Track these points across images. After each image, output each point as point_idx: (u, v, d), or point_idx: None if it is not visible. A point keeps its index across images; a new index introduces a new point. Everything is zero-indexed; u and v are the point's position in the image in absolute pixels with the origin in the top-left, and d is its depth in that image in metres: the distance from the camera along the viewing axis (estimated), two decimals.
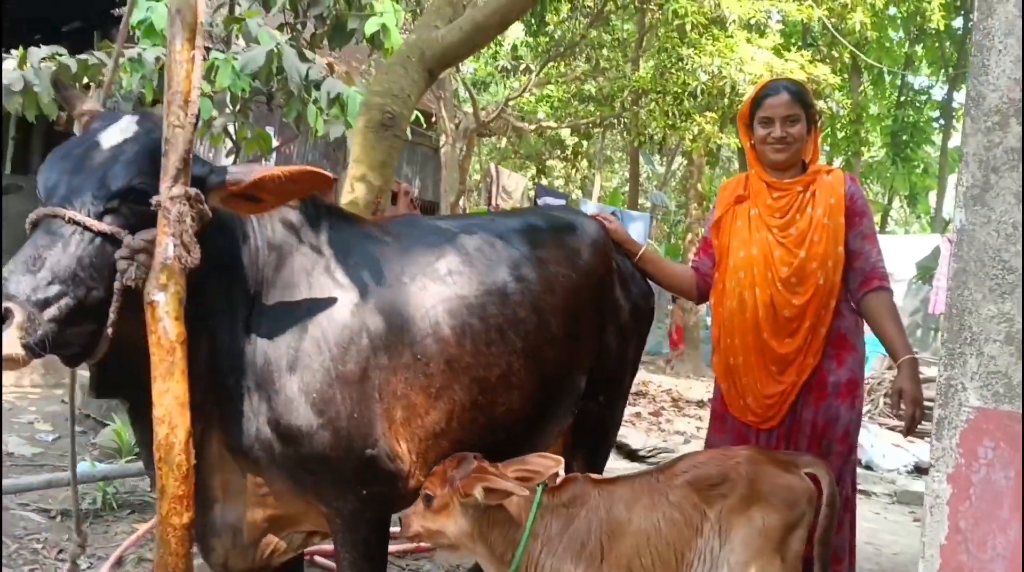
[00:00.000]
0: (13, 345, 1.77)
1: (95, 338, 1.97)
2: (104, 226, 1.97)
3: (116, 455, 5.33)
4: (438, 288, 2.66)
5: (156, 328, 1.81)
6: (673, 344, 17.46)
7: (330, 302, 2.43)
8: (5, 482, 4.54)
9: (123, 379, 2.21)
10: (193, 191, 1.93)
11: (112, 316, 1.95)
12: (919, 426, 3.13)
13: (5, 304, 1.78)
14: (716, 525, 2.49)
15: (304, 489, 2.39)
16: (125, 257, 1.97)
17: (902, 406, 3.10)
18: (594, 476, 2.60)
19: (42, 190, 2.07)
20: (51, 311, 1.86)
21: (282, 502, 2.42)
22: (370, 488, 2.41)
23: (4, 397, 7.57)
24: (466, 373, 2.65)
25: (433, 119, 13.82)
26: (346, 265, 2.52)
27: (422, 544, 2.61)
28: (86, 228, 1.94)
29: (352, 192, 3.93)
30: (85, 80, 6.35)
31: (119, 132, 2.10)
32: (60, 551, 4.15)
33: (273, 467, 2.34)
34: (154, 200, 1.92)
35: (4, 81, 5.56)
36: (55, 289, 1.88)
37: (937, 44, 25.19)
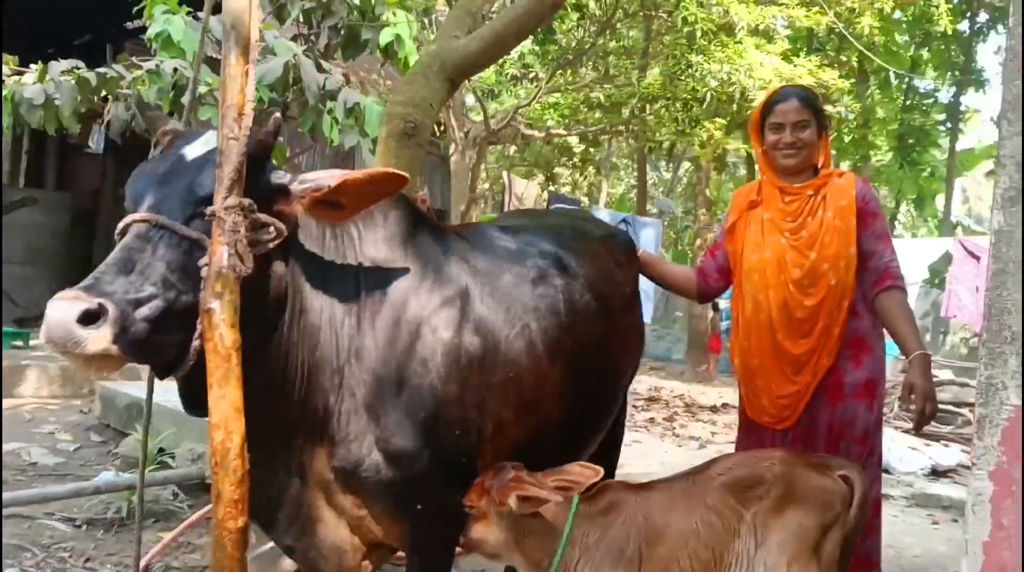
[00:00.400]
0: (102, 342, 1.76)
1: (184, 349, 1.97)
2: (191, 231, 1.98)
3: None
4: (529, 304, 2.70)
5: (212, 335, 1.83)
6: (711, 349, 17.38)
7: (436, 320, 2.43)
8: (30, 492, 4.58)
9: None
10: (247, 202, 1.94)
11: (199, 327, 1.95)
12: (931, 426, 3.15)
13: (99, 300, 1.77)
14: (752, 527, 2.50)
15: (398, 509, 2.39)
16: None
17: (912, 401, 3.11)
18: (630, 482, 2.60)
19: (129, 200, 2.08)
20: (143, 311, 1.85)
21: (379, 525, 2.42)
22: (455, 500, 2.44)
23: (25, 408, 7.62)
24: (554, 389, 2.71)
25: (442, 128, 13.87)
26: (447, 281, 2.53)
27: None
28: (174, 232, 1.95)
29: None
30: (103, 93, 6.41)
31: (203, 144, 2.13)
32: (87, 560, 4.19)
33: (374, 488, 2.34)
34: (208, 210, 1.93)
35: (26, 95, 5.61)
36: (146, 291, 1.88)
37: (943, 47, 25.19)
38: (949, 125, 27.63)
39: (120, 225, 2.01)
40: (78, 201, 13.93)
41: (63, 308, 1.75)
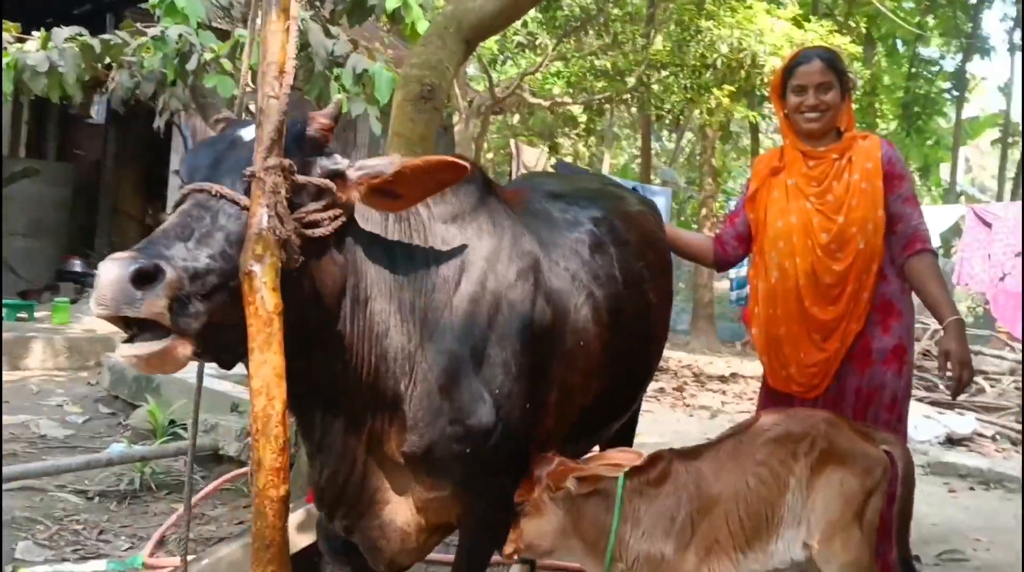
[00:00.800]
0: (158, 306, 1.66)
1: (243, 334, 1.85)
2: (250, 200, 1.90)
3: (151, 436, 5.32)
4: (590, 272, 2.70)
5: (253, 299, 1.76)
6: (746, 321, 17.22)
7: (513, 294, 2.39)
8: (43, 464, 4.55)
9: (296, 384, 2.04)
10: (288, 162, 1.86)
11: None
12: (944, 394, 3.15)
13: (155, 261, 1.68)
14: (801, 480, 2.49)
15: (466, 487, 2.36)
16: None
17: (948, 368, 3.09)
18: (677, 450, 2.56)
19: (185, 175, 2.01)
20: (200, 282, 1.77)
21: (447, 505, 2.40)
22: (519, 471, 2.41)
23: (32, 381, 7.60)
24: (615, 355, 2.73)
25: (446, 98, 13.72)
26: (520, 254, 2.47)
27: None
28: (233, 202, 1.88)
29: None
30: (107, 60, 6.31)
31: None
32: (100, 532, 4.16)
33: (445, 468, 2.30)
34: (248, 171, 1.85)
35: (29, 62, 5.52)
36: (203, 261, 1.79)
37: (950, 14, 24.97)
38: (955, 93, 27.45)
39: (179, 195, 1.94)
40: (80, 172, 13.84)
41: (116, 266, 1.65)
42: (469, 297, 2.31)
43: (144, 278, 1.66)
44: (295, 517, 3.40)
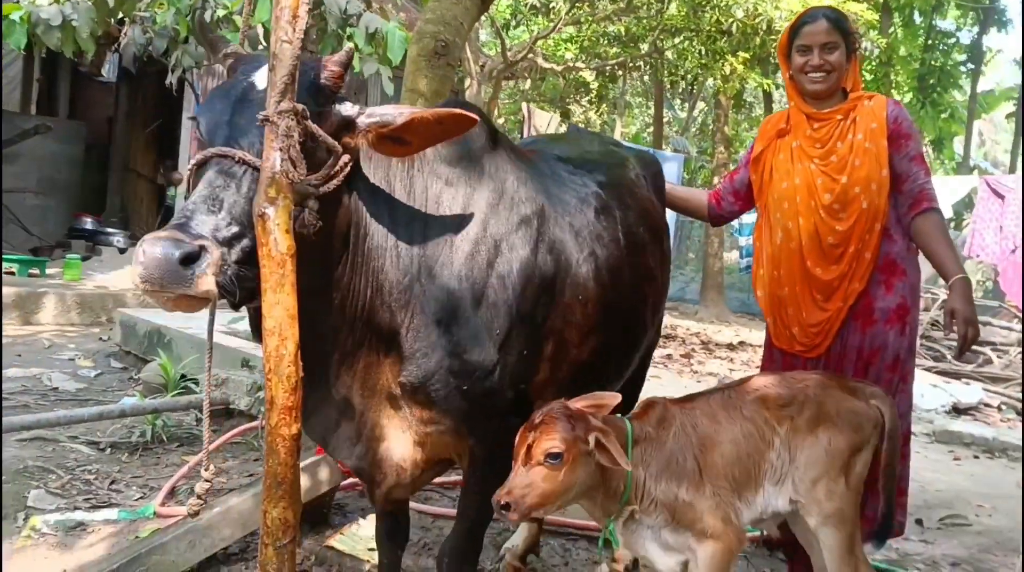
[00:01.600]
0: (209, 283, 1.75)
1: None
2: None
3: (162, 390, 5.36)
4: (594, 232, 2.76)
5: (267, 241, 1.78)
6: None
7: (514, 237, 2.44)
8: (56, 414, 4.59)
9: None
10: (300, 107, 1.87)
11: None
12: (952, 364, 3.14)
13: (199, 242, 1.75)
14: (785, 442, 2.53)
15: (465, 424, 2.40)
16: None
17: (954, 327, 3.07)
18: (671, 397, 2.59)
19: (204, 131, 2.04)
20: (235, 252, 1.85)
21: (444, 440, 2.44)
22: (517, 417, 2.42)
23: (43, 335, 7.65)
24: (614, 315, 2.77)
25: (458, 62, 13.66)
26: (524, 200, 2.53)
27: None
28: (256, 168, 1.90)
29: None
30: (120, 15, 6.30)
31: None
32: (112, 482, 4.20)
33: (443, 403, 2.34)
34: (261, 115, 1.86)
35: (42, 16, 5.50)
36: (235, 229, 1.86)
37: None
38: (971, 66, 27.18)
39: (197, 158, 1.96)
40: (92, 130, 13.85)
41: (163, 247, 1.72)
42: (469, 237, 2.36)
43: (189, 259, 1.74)
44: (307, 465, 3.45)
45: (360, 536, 3.58)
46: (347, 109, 2.10)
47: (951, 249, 3.18)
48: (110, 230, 12.61)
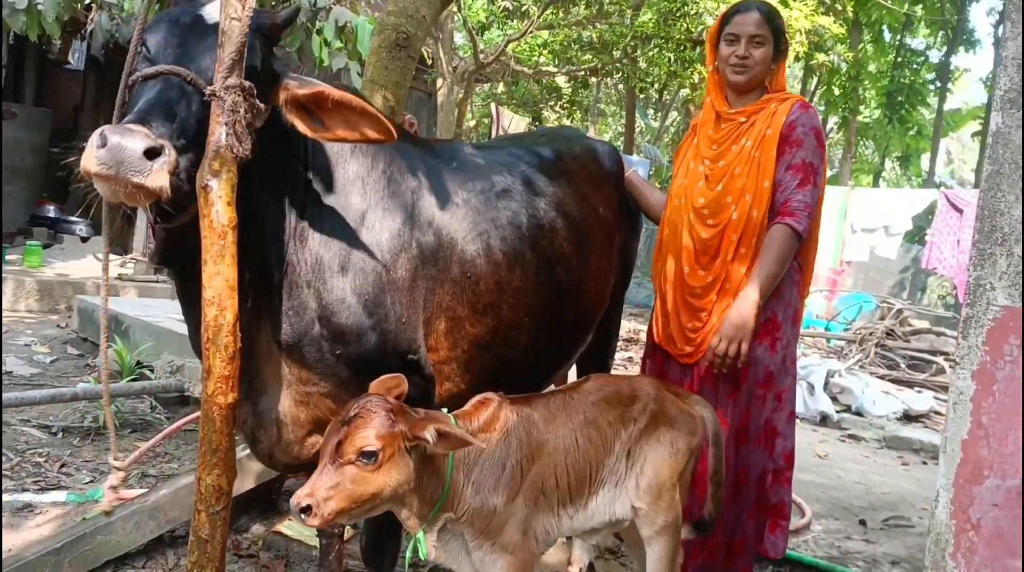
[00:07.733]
0: (163, 178, 1.81)
1: (191, 200, 1.99)
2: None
3: (118, 376, 5.35)
4: (491, 213, 2.78)
5: (209, 212, 1.83)
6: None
7: (385, 209, 2.49)
8: (7, 395, 4.56)
9: (184, 254, 2.16)
10: (247, 84, 1.93)
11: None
12: (905, 373, 3.09)
13: (160, 141, 1.81)
14: (627, 445, 2.48)
15: (346, 389, 2.41)
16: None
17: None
18: (506, 396, 2.39)
19: (152, 46, 2.09)
20: (184, 162, 1.91)
21: (325, 402, 2.45)
22: (416, 391, 2.43)
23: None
24: (514, 295, 2.79)
25: (431, 63, 13.68)
26: (403, 176, 2.58)
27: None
28: (203, 93, 1.97)
29: None
30: (87, 1, 6.28)
31: (219, 10, 2.10)
32: (62, 465, 4.19)
33: (319, 365, 2.38)
34: (208, 90, 1.93)
35: None
36: (183, 142, 1.92)
37: (938, 4, 25.05)
38: (939, 84, 27.60)
39: (148, 71, 2.01)
40: (57, 118, 13.71)
41: (132, 138, 1.78)
42: (338, 205, 2.42)
43: (153, 154, 1.80)
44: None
45: None
46: (279, 66, 2.19)
47: (768, 266, 2.99)
48: (72, 219, 12.46)
